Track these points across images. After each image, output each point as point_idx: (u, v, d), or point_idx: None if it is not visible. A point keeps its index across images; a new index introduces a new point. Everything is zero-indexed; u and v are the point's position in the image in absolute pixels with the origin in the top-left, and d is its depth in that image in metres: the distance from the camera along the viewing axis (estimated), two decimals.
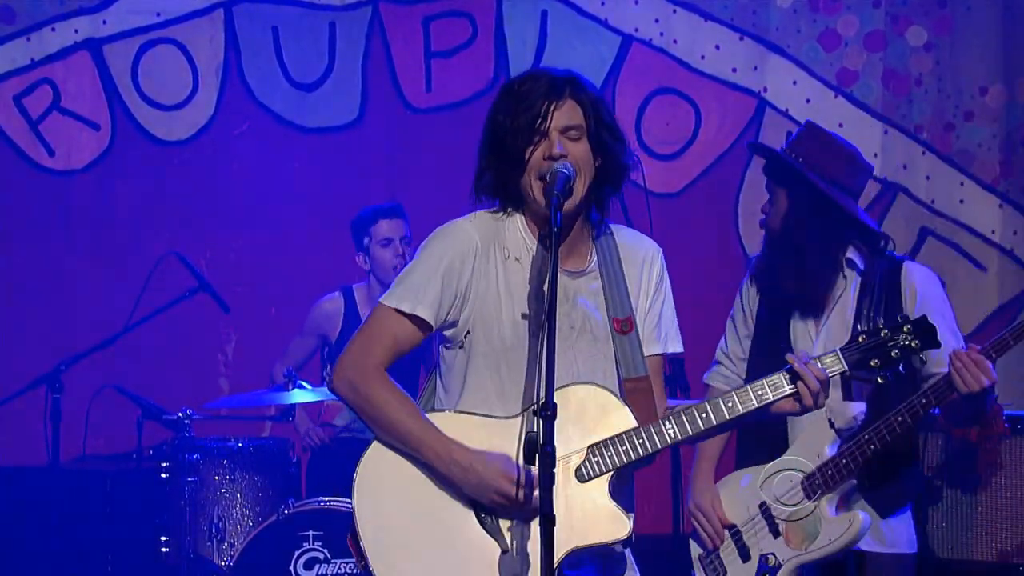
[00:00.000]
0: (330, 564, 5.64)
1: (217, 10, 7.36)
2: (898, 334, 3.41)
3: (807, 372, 3.34)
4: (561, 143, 3.36)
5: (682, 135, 7.24)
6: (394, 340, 3.43)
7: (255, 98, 7.37)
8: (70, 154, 7.37)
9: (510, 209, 3.46)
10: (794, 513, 4.28)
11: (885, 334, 3.40)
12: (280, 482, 6.16)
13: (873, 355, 3.40)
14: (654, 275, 3.53)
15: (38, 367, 6.27)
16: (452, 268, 3.40)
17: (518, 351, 3.39)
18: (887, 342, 3.40)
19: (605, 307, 3.46)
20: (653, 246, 3.58)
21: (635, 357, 3.45)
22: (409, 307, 3.41)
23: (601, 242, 3.50)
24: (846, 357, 3.40)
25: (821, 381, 3.36)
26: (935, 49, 7.11)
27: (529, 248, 3.44)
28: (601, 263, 3.48)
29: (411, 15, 7.35)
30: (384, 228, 6.32)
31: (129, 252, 7.17)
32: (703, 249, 6.96)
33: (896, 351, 3.40)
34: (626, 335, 3.45)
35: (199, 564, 5.98)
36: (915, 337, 3.41)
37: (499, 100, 3.43)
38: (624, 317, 3.45)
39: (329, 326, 6.47)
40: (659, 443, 3.36)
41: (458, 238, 3.42)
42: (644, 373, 3.44)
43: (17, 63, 7.35)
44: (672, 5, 7.23)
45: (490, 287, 3.41)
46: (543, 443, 3.06)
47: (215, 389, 7.20)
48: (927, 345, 3.42)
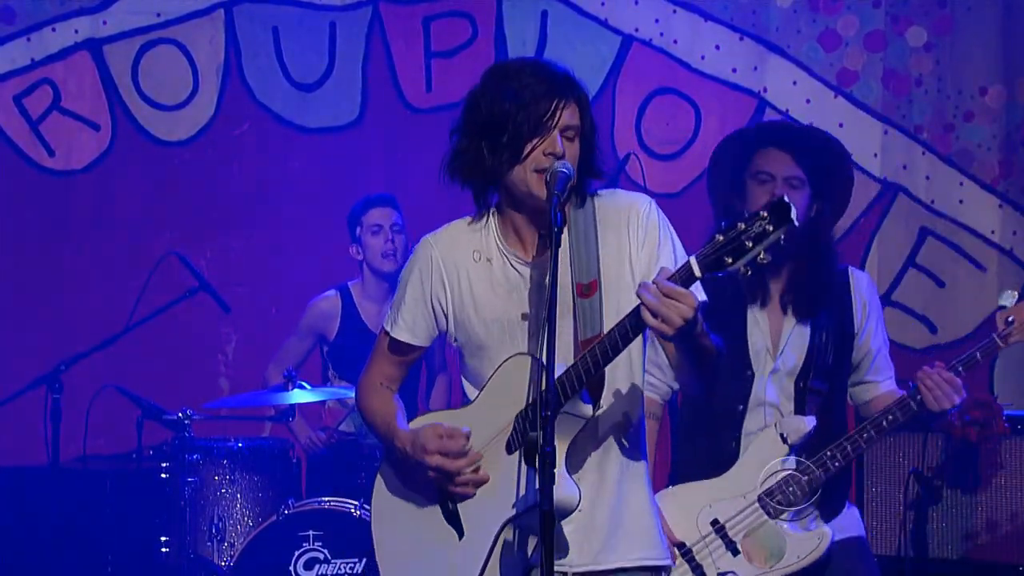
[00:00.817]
0: (330, 564, 5.65)
1: (217, 10, 7.37)
2: (753, 222, 3.05)
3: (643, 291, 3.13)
4: (561, 142, 3.37)
5: (682, 135, 7.24)
6: (386, 358, 3.67)
7: (255, 98, 7.37)
8: (70, 154, 7.37)
9: (484, 213, 3.49)
10: (753, 529, 4.21)
11: (741, 226, 3.05)
12: (280, 482, 6.16)
13: (726, 250, 3.07)
14: (635, 225, 3.43)
15: (38, 367, 6.27)
16: (417, 288, 3.56)
17: (495, 350, 3.45)
18: (741, 234, 3.06)
19: (570, 275, 3.41)
20: (635, 198, 3.50)
21: (593, 317, 3.38)
22: (391, 330, 3.62)
23: (577, 213, 3.45)
24: (700, 261, 3.10)
25: (667, 293, 3.11)
26: (935, 49, 7.10)
27: (501, 249, 3.48)
28: (572, 234, 3.43)
29: (411, 15, 7.35)
30: (374, 215, 6.38)
31: (129, 252, 7.17)
32: None
33: (749, 240, 3.04)
34: (587, 298, 3.39)
35: (199, 564, 5.98)
36: (770, 221, 3.03)
37: (493, 83, 3.40)
38: (588, 281, 3.40)
39: (327, 325, 6.47)
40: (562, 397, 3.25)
41: (418, 259, 3.58)
42: (599, 331, 3.34)
43: (17, 63, 7.36)
44: (672, 5, 7.23)
45: (463, 293, 3.49)
46: (543, 443, 3.06)
47: (215, 389, 7.20)
48: (781, 224, 3.03)
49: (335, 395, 6.21)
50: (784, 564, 4.18)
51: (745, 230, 3.05)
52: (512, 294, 3.44)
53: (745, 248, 3.05)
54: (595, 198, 3.49)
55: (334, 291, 6.50)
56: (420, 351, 3.65)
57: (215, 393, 7.05)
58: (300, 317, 6.55)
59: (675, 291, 3.10)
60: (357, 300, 6.45)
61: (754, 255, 3.05)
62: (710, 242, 3.10)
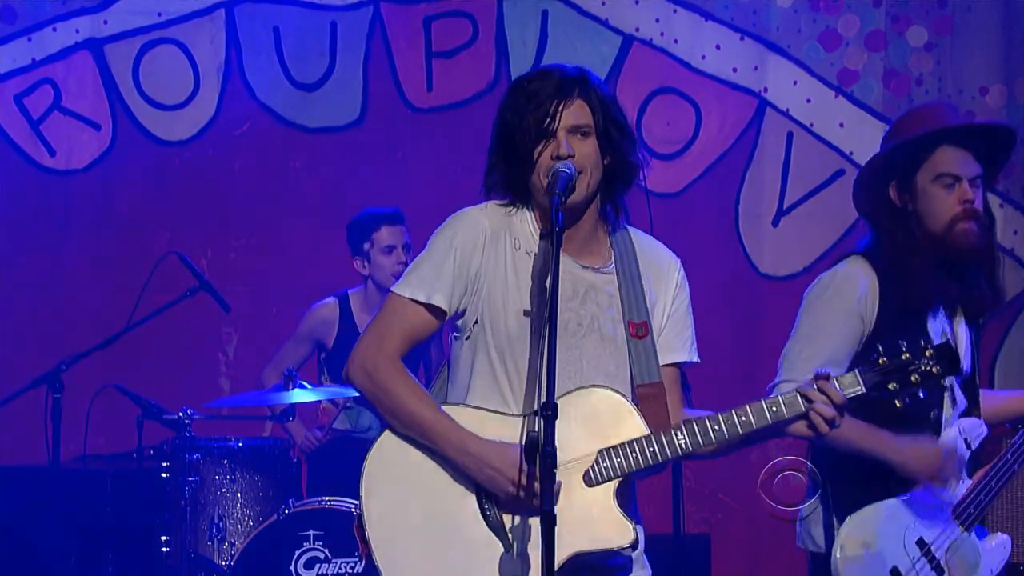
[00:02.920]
0: (331, 564, 5.65)
1: (218, 10, 7.36)
2: (919, 358, 3.28)
3: (817, 394, 3.26)
4: (569, 142, 3.36)
5: (683, 135, 7.25)
6: (410, 330, 3.44)
7: (256, 98, 7.37)
8: (71, 154, 7.37)
9: (520, 204, 3.46)
10: (952, 545, 3.97)
11: (907, 357, 3.26)
12: (281, 482, 6.16)
13: (892, 378, 3.28)
14: (674, 283, 3.51)
15: (39, 367, 6.27)
16: (464, 254, 3.41)
17: (521, 345, 3.38)
18: (907, 365, 3.27)
19: (620, 309, 3.43)
20: (673, 255, 3.56)
21: (649, 363, 3.41)
22: (425, 296, 3.41)
23: (619, 242, 3.47)
24: (865, 378, 3.27)
25: (836, 404, 3.27)
26: (936, 49, 7.11)
27: (539, 243, 3.44)
28: (618, 263, 3.45)
29: (412, 15, 7.35)
30: (386, 235, 6.29)
31: (130, 252, 7.17)
32: (703, 249, 6.95)
33: (916, 376, 3.27)
34: (641, 340, 3.41)
35: (200, 564, 5.98)
36: (937, 363, 3.28)
37: (509, 98, 3.43)
38: (640, 321, 3.42)
39: (325, 332, 6.45)
40: (669, 453, 3.32)
41: (468, 225, 3.43)
42: (658, 379, 3.41)
43: (18, 63, 7.35)
44: (673, 5, 7.24)
45: (499, 276, 3.41)
46: (544, 443, 3.06)
47: (216, 389, 7.20)
48: (948, 372, 3.28)
49: (335, 394, 6.21)
50: None
51: (912, 362, 3.27)
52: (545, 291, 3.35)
53: (910, 382, 3.26)
54: (632, 235, 3.51)
55: (333, 299, 6.49)
56: (437, 328, 3.47)
57: (216, 393, 7.05)
58: (299, 322, 6.55)
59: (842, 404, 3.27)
60: (356, 310, 6.42)
61: (916, 391, 3.26)
62: (874, 363, 3.28)
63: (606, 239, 3.48)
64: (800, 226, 7.16)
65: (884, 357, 3.25)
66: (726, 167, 7.24)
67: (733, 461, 4.46)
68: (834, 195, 7.11)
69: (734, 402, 3.48)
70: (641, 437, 3.33)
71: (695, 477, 6.91)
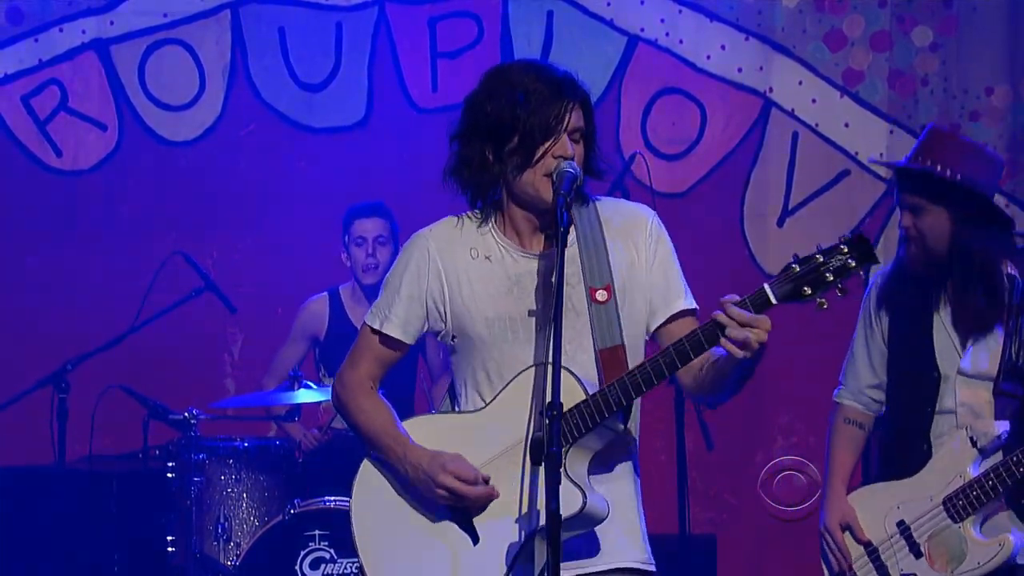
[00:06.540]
0: (336, 564, 5.66)
1: (224, 11, 7.37)
2: (833, 255, 3.13)
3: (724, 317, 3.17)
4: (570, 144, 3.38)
5: (688, 135, 7.24)
6: (378, 354, 3.58)
7: (261, 98, 7.38)
8: (77, 154, 7.38)
9: (477, 212, 3.49)
10: (936, 533, 4.18)
11: (819, 259, 3.13)
12: (286, 482, 6.16)
13: (805, 282, 3.14)
14: (644, 234, 3.48)
15: (45, 367, 6.29)
16: (411, 280, 3.50)
17: (496, 348, 3.42)
18: (819, 267, 3.13)
19: (581, 276, 3.42)
20: (643, 209, 3.55)
21: (611, 327, 3.39)
22: (379, 326, 3.54)
23: (581, 213, 3.46)
24: (775, 288, 3.16)
25: (742, 322, 3.16)
26: (941, 49, 7.10)
27: (501, 247, 3.46)
28: (579, 234, 3.44)
29: (417, 16, 7.36)
30: (358, 228, 6.42)
31: (136, 252, 7.18)
32: (708, 249, 6.95)
33: (829, 274, 3.12)
34: (602, 304, 3.40)
35: (205, 563, 5.99)
36: (850, 254, 3.12)
37: (498, 87, 3.40)
38: (602, 286, 3.40)
39: (317, 326, 6.52)
40: (606, 411, 3.28)
41: (414, 250, 3.53)
42: (619, 342, 3.38)
43: (25, 63, 7.37)
44: (678, 5, 7.23)
45: (462, 290, 3.46)
46: (549, 444, 3.06)
47: (221, 389, 7.20)
48: (863, 261, 3.11)
49: None
50: (964, 569, 4.14)
51: (824, 263, 3.13)
52: (514, 290, 3.43)
53: (825, 280, 3.13)
54: (595, 203, 3.51)
55: (324, 293, 6.58)
56: (406, 351, 3.59)
57: (221, 393, 7.06)
58: (292, 322, 6.59)
59: (756, 320, 3.15)
60: (347, 303, 6.49)
61: (833, 287, 3.13)
62: (786, 271, 3.16)
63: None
64: (805, 226, 7.15)
65: (796, 264, 3.15)
66: (731, 167, 7.24)
67: (739, 462, 4.46)
68: (839, 195, 7.11)
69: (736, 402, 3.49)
70: (579, 402, 3.30)
71: (701, 478, 6.90)
